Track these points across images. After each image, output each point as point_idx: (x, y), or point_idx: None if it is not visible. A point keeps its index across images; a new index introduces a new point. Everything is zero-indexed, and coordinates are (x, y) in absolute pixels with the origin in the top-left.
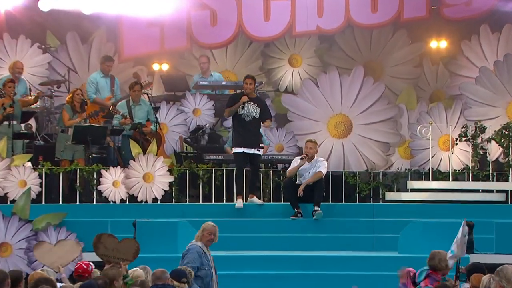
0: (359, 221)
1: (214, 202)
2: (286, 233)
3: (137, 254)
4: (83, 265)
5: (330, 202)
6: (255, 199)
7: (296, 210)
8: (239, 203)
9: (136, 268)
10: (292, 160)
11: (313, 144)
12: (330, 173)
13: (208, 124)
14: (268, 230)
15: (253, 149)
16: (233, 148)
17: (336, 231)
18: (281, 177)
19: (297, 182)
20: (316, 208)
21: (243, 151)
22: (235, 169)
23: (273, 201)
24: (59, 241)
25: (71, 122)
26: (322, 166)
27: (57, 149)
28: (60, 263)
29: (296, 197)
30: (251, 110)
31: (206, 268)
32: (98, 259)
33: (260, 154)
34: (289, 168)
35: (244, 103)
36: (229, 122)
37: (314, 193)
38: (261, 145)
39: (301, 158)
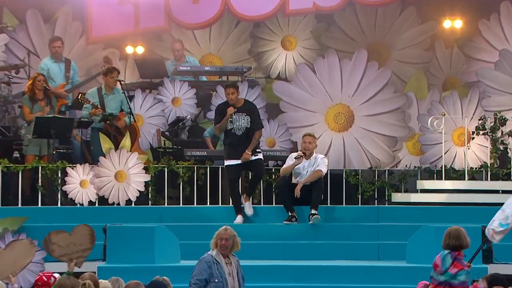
0: (361, 226)
1: (197, 204)
2: (279, 240)
3: (93, 239)
4: (44, 277)
5: (328, 205)
6: (247, 205)
7: (290, 214)
8: (238, 219)
9: (104, 281)
10: (287, 156)
11: (312, 138)
12: (329, 172)
13: (189, 116)
14: (258, 237)
15: (251, 156)
16: (225, 160)
17: (335, 237)
18: (273, 176)
19: (292, 182)
20: (313, 211)
21: (236, 163)
22: (228, 183)
23: (263, 203)
24: (10, 243)
25: (33, 116)
26: (322, 164)
27: (23, 144)
28: (12, 271)
29: (291, 198)
30: (241, 121)
31: (216, 280)
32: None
33: (261, 158)
34: (283, 166)
35: (231, 115)
36: (212, 114)
37: (311, 194)
38: (257, 150)
39: (296, 157)
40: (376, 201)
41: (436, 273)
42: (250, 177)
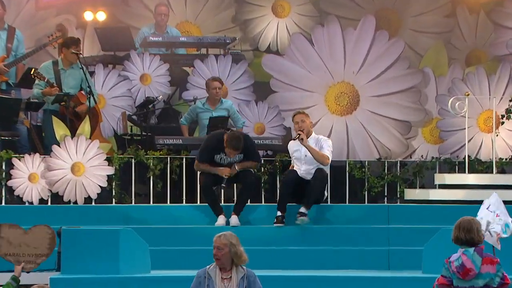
0: (368, 229)
1: (170, 203)
2: (269, 245)
3: (53, 244)
4: None
5: (328, 203)
6: (233, 220)
7: (280, 213)
8: (220, 221)
9: None
10: (279, 145)
11: (303, 115)
12: (329, 164)
13: (161, 96)
14: (245, 241)
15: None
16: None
17: (336, 242)
18: (262, 169)
19: (300, 173)
20: (302, 209)
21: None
22: (201, 188)
23: (251, 201)
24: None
25: None
26: (326, 147)
27: None
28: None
29: (291, 196)
30: (232, 160)
31: None
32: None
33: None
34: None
35: (224, 178)
36: (190, 94)
37: (309, 188)
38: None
39: (294, 138)
40: (385, 198)
41: (467, 279)
42: (237, 190)
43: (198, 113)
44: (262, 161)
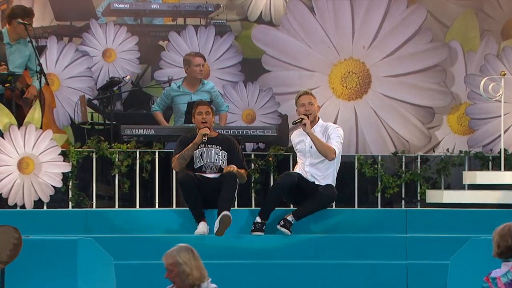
0: (381, 238)
1: (140, 207)
2: (258, 259)
3: (16, 252)
4: None
5: (333, 207)
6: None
7: (258, 220)
8: (201, 228)
9: None
10: (273, 137)
11: (312, 97)
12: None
13: (128, 76)
14: (228, 254)
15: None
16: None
17: (341, 255)
18: (252, 165)
19: (305, 169)
20: (289, 218)
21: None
22: (178, 187)
23: (238, 205)
24: None
25: None
26: (335, 137)
27: None
28: None
29: (282, 201)
30: (214, 156)
31: None
32: None
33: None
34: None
35: (204, 137)
36: (164, 74)
37: (313, 198)
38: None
39: (295, 122)
40: (403, 202)
41: None
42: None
43: (173, 96)
44: (250, 148)
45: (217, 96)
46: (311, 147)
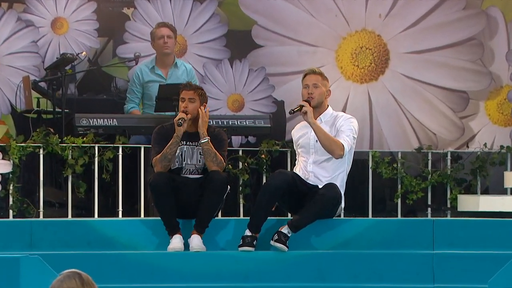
0: (402, 256)
1: (99, 217)
2: (247, 282)
3: None
4: None
5: (342, 217)
6: (195, 241)
7: (248, 233)
8: (175, 243)
9: None
10: (266, 128)
11: (319, 77)
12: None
13: (84, 52)
14: (209, 275)
15: None
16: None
17: (353, 277)
18: (240, 164)
19: (306, 170)
20: (285, 230)
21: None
22: (152, 202)
23: (224, 214)
24: None
25: None
26: (346, 130)
27: None
28: None
29: (288, 202)
30: (197, 156)
31: None
32: None
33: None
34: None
35: (182, 122)
36: (130, 49)
37: (311, 204)
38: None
39: (293, 111)
40: (429, 209)
41: None
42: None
43: (147, 82)
44: (237, 142)
45: (192, 77)
46: (316, 140)
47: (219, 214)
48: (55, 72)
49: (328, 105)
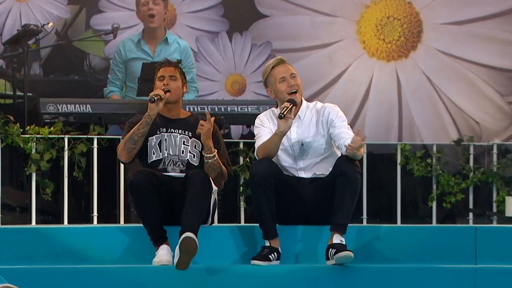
0: (439, 271)
1: (69, 223)
2: None
3: None
4: None
5: (364, 223)
6: (163, 252)
7: (268, 243)
8: (162, 255)
9: None
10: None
11: (289, 66)
12: (364, 152)
13: (52, 23)
14: None
15: None
16: None
17: None
18: (240, 159)
19: (286, 172)
20: (336, 239)
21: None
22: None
23: (218, 220)
24: None
25: None
26: (343, 125)
27: None
28: None
29: (279, 207)
30: (180, 146)
31: None
32: None
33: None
34: (259, 142)
35: (157, 99)
36: (106, 20)
37: (331, 200)
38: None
39: (282, 115)
40: (471, 215)
41: None
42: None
43: (130, 60)
44: (237, 131)
45: (188, 57)
46: (302, 144)
47: (215, 220)
48: (16, 48)
49: (302, 98)
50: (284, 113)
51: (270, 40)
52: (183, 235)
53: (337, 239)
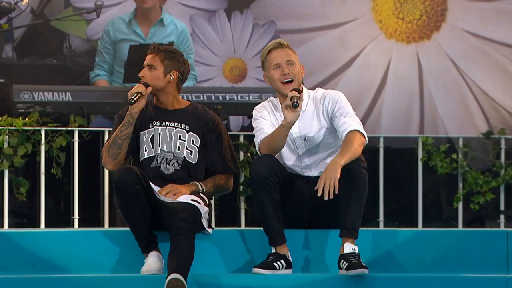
0: (466, 281)
1: (46, 227)
2: None
3: None
4: None
5: (381, 227)
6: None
7: (274, 250)
8: (150, 263)
9: None
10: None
11: (288, 51)
12: (380, 146)
13: (26, 0)
14: None
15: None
16: None
17: None
18: (241, 155)
19: (291, 170)
20: (348, 246)
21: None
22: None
23: (216, 224)
24: None
25: None
26: (345, 111)
27: None
28: None
29: (286, 208)
30: (175, 141)
31: None
32: None
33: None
34: (261, 136)
35: (133, 97)
36: None
37: (338, 201)
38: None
39: (291, 105)
40: (502, 217)
41: None
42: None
43: (119, 41)
44: (237, 123)
45: (187, 40)
46: (305, 139)
47: (212, 223)
48: None
49: (303, 86)
50: (297, 102)
51: (274, 20)
52: (170, 276)
53: (348, 247)
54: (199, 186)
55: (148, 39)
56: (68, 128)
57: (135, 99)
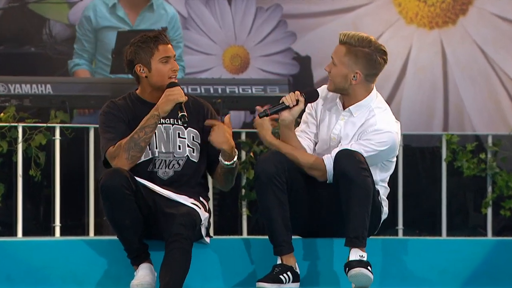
0: None
1: (24, 235)
2: None
3: None
4: None
5: (400, 235)
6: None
7: (280, 260)
8: (141, 276)
9: None
10: (278, 99)
11: (343, 48)
12: (401, 144)
13: None
14: None
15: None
16: None
17: None
18: (243, 154)
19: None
20: (354, 255)
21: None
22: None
23: (215, 232)
24: None
25: None
26: (364, 143)
27: None
28: None
29: (298, 214)
30: (175, 140)
31: None
32: None
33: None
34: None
35: (181, 112)
36: None
37: (345, 208)
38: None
39: (265, 113)
40: None
41: None
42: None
43: (100, 28)
44: (238, 120)
45: (177, 29)
46: (340, 142)
47: (211, 231)
48: None
49: (369, 94)
50: (268, 113)
51: (279, 3)
52: None
53: (355, 254)
54: (236, 155)
55: (135, 26)
56: (49, 125)
57: (185, 117)
